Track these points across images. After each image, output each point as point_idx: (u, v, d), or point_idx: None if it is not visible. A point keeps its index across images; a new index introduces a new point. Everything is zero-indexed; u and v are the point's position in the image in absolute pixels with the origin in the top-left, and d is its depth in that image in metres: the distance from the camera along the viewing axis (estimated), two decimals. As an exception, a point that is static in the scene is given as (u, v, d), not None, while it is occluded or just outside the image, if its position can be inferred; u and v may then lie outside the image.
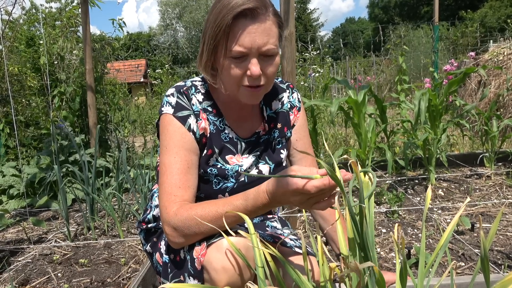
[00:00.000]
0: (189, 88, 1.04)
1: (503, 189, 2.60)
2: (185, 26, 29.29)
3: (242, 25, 0.88)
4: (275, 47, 0.92)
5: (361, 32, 20.25)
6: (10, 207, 2.81)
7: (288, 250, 1.03)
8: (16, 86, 3.93)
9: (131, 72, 11.81)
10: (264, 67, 0.93)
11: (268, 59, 0.93)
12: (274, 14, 0.93)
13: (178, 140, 0.97)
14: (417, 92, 2.58)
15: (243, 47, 0.89)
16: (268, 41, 0.90)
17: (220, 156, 1.05)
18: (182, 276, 0.99)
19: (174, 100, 1.01)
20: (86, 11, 3.35)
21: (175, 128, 0.98)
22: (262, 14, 0.89)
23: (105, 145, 3.80)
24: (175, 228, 0.91)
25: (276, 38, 0.93)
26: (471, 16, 16.62)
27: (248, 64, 0.91)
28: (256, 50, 0.90)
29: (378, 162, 3.21)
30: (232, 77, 0.93)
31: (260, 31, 0.89)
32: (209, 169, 1.03)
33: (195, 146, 1.00)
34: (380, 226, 2.10)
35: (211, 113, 1.04)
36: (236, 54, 0.90)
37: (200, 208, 0.89)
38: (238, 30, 0.89)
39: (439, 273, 1.56)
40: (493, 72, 5.17)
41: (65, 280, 1.74)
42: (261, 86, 0.95)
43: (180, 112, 0.99)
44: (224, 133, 1.05)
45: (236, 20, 0.88)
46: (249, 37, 0.88)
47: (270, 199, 0.83)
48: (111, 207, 2.27)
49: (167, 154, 0.97)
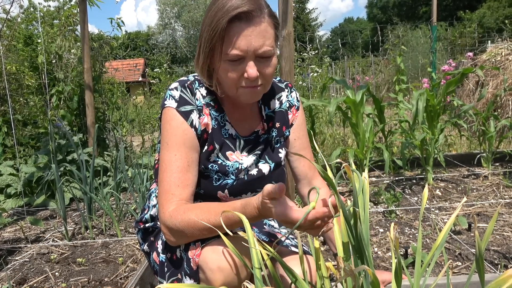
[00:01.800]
0: (193, 82, 1.03)
1: (500, 189, 2.61)
2: (184, 25, 29.24)
3: (238, 29, 0.88)
4: (272, 48, 0.92)
5: (360, 32, 20.26)
6: (8, 206, 2.80)
7: (285, 249, 1.03)
8: (14, 85, 3.92)
9: (129, 71, 11.79)
10: (261, 69, 0.93)
11: (264, 60, 0.93)
12: (269, 16, 0.92)
13: (180, 136, 0.97)
14: (415, 92, 2.58)
15: (239, 50, 0.89)
16: (264, 43, 0.90)
17: (221, 152, 1.05)
18: (179, 274, 0.99)
19: (177, 94, 1.00)
20: (84, 10, 3.34)
21: (178, 124, 0.98)
22: (257, 16, 0.89)
23: (103, 144, 3.80)
24: (169, 229, 0.92)
25: (272, 39, 0.92)
26: (469, 16, 16.67)
27: (245, 67, 0.91)
28: (252, 52, 0.90)
29: (376, 162, 3.22)
30: (230, 80, 0.93)
31: (256, 33, 0.89)
32: (210, 165, 1.02)
33: (196, 143, 1.00)
34: (377, 226, 2.11)
35: (213, 108, 1.04)
36: (232, 57, 0.90)
37: (193, 213, 0.89)
38: (233, 34, 0.88)
39: (435, 273, 1.57)
40: (491, 72, 5.18)
41: (63, 279, 1.74)
42: (260, 85, 0.95)
43: (183, 107, 0.99)
44: (224, 129, 1.06)
45: (231, 24, 0.88)
46: (245, 40, 0.88)
47: (259, 213, 0.84)
48: (109, 206, 2.27)
49: (168, 151, 0.97)
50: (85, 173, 2.37)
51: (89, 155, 3.20)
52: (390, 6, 38.37)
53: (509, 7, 24.39)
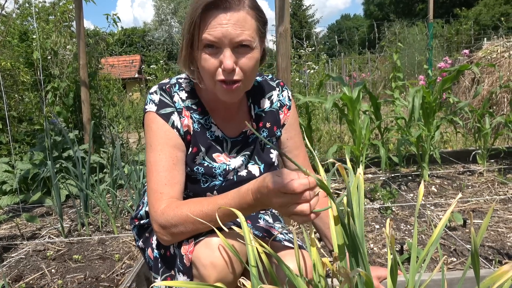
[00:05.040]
0: (172, 85, 1.03)
1: (495, 185, 2.62)
2: (180, 22, 29.13)
3: (213, 15, 0.87)
4: (251, 39, 0.89)
5: (356, 29, 20.27)
6: (3, 203, 2.79)
7: (278, 244, 1.03)
8: (8, 81, 3.89)
9: (125, 67, 11.74)
10: (239, 60, 0.90)
11: (243, 51, 0.89)
12: (250, 7, 0.90)
13: (162, 137, 0.97)
14: (411, 89, 2.59)
15: (213, 36, 0.87)
16: (243, 32, 0.88)
17: (207, 154, 1.04)
18: (172, 271, 0.99)
19: (157, 97, 1.00)
20: (79, 6, 3.31)
21: (159, 126, 0.98)
22: (235, 5, 0.87)
23: (99, 141, 3.78)
24: (162, 227, 0.91)
25: (252, 30, 0.90)
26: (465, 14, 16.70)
27: (222, 57, 0.89)
28: (229, 41, 0.87)
29: (372, 159, 3.23)
30: (206, 70, 0.91)
31: (233, 21, 0.87)
32: (196, 168, 1.02)
33: (180, 143, 0.99)
34: (373, 222, 2.12)
35: (196, 111, 1.03)
36: (206, 42, 0.88)
37: (186, 207, 0.89)
38: (208, 20, 0.87)
39: (431, 268, 1.58)
40: (487, 69, 5.20)
41: (59, 276, 1.73)
42: (237, 83, 0.92)
43: (163, 110, 0.99)
44: (210, 131, 1.05)
45: (207, 10, 0.87)
46: (221, 28, 0.86)
47: (254, 199, 0.82)
48: (105, 203, 2.26)
49: (152, 152, 0.97)
50: (81, 170, 2.36)
51: (85, 151, 3.19)
52: (387, 3, 38.36)
53: (505, 4, 24.46)
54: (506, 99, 4.82)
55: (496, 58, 5.28)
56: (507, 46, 5.28)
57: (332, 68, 8.36)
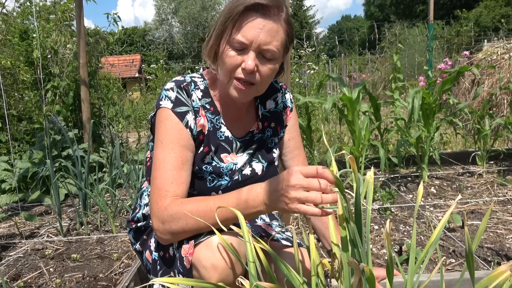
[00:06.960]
0: (189, 84, 1.03)
1: (494, 187, 2.62)
2: (181, 21, 29.12)
3: (251, 17, 0.90)
4: (277, 50, 0.92)
5: (357, 30, 20.28)
6: (2, 201, 2.79)
7: (277, 244, 1.03)
8: (8, 80, 3.89)
9: (125, 67, 11.72)
10: (260, 66, 0.93)
11: (266, 61, 0.93)
12: (285, 21, 0.93)
13: (175, 136, 0.97)
14: (411, 90, 2.59)
15: (245, 38, 0.89)
16: (272, 42, 0.91)
17: (216, 154, 1.04)
18: (172, 273, 0.99)
19: (173, 94, 0.99)
20: (80, 5, 3.31)
21: (173, 124, 0.97)
22: (273, 14, 0.90)
23: (99, 140, 3.78)
24: (163, 222, 0.90)
25: (280, 42, 0.93)
26: (466, 15, 16.72)
27: (246, 57, 0.91)
28: (257, 46, 0.90)
29: (371, 160, 3.23)
30: (227, 65, 0.93)
31: (267, 29, 0.90)
32: (204, 167, 1.02)
33: (191, 143, 0.99)
34: (372, 223, 2.12)
35: (209, 111, 1.04)
36: (237, 42, 0.90)
37: (191, 203, 0.89)
38: (245, 21, 0.90)
39: (429, 270, 1.58)
40: (487, 71, 5.20)
41: (57, 275, 1.73)
42: (252, 85, 0.94)
43: (179, 108, 0.98)
44: (220, 132, 1.05)
45: (247, 11, 0.89)
46: (254, 31, 0.89)
47: (262, 197, 0.83)
48: (104, 202, 2.26)
49: (162, 149, 0.96)
50: (80, 169, 2.36)
51: (84, 151, 3.18)
52: (388, 4, 38.38)
53: (505, 6, 24.47)
54: (506, 101, 4.82)
55: (496, 60, 5.28)
56: (507, 48, 5.28)
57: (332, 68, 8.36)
